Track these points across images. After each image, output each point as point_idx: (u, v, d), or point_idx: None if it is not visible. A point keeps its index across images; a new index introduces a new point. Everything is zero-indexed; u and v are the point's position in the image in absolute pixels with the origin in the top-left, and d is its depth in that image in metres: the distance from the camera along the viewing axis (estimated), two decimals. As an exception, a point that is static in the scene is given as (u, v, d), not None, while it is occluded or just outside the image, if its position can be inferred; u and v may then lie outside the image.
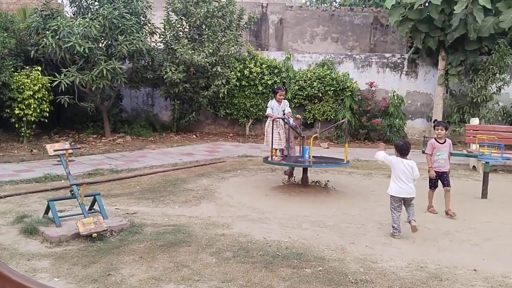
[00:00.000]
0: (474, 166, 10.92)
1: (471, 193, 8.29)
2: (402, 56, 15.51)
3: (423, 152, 8.77)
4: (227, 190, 8.03)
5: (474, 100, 14.03)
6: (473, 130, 11.28)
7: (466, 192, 8.47)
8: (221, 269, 4.53)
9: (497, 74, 13.94)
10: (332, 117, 14.55)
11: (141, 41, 12.51)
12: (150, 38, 13.90)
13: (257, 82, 14.61)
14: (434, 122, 7.63)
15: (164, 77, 13.10)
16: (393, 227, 5.83)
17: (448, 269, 4.69)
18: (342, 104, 14.47)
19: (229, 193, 7.82)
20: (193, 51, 12.87)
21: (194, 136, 14.94)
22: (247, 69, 14.50)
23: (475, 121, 12.05)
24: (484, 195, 8.00)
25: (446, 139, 7.28)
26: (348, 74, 14.83)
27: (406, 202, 5.88)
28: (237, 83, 14.33)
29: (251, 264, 4.66)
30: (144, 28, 13.44)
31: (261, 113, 14.73)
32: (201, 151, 12.14)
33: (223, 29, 13.79)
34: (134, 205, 6.90)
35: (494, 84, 14.08)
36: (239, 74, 14.35)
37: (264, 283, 4.22)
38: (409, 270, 4.64)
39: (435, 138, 7.28)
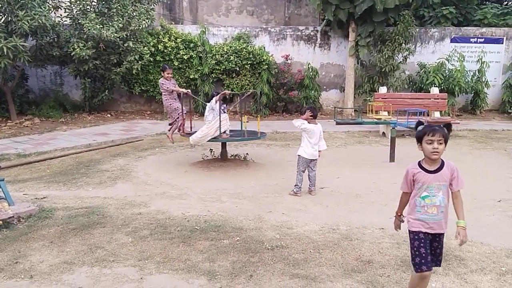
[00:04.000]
0: (383, 133, 11.55)
1: (380, 157, 8.77)
2: (315, 29, 15.86)
3: (337, 123, 9.14)
4: (144, 169, 7.85)
5: (383, 70, 14.74)
6: (382, 98, 11.88)
7: (376, 156, 8.94)
8: (138, 248, 4.45)
9: (403, 44, 14.71)
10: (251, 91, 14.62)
11: (44, 16, 11.69)
12: (55, 13, 13.01)
13: (172, 57, 14.28)
14: (417, 126, 3.54)
15: (72, 54, 12.39)
16: (296, 185, 6.33)
17: (358, 229, 4.96)
18: (259, 77, 14.58)
19: (146, 172, 7.65)
20: (101, 26, 12.25)
21: (109, 115, 14.38)
22: (162, 44, 14.11)
23: (383, 89, 12.68)
24: (392, 158, 8.49)
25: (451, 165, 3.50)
26: (264, 48, 14.93)
27: (312, 164, 6.37)
28: (152, 59, 13.92)
29: (169, 240, 4.61)
30: (47, 2, 12.54)
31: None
32: (117, 131, 11.73)
33: (133, 2, 13.23)
34: (44, 190, 6.55)
35: (400, 54, 14.85)
36: (153, 49, 13.93)
37: (182, 258, 4.21)
38: (322, 233, 4.84)
39: (420, 162, 3.54)
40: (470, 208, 5.73)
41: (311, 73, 14.88)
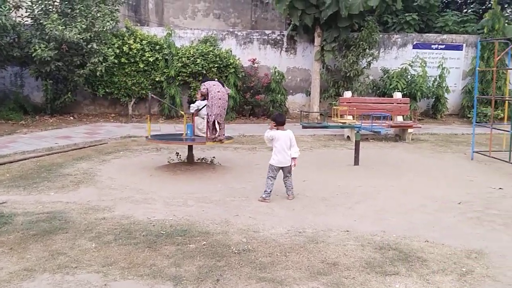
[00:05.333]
0: (348, 136, 11.73)
1: (345, 160, 8.90)
2: (282, 33, 15.98)
3: (303, 126, 9.24)
4: (108, 173, 7.70)
5: (348, 75, 15.00)
6: (346, 102, 12.08)
7: (341, 160, 9.07)
8: (101, 254, 4.35)
9: (367, 50, 15.02)
10: (217, 94, 14.57)
11: (4, 15, 11.35)
12: (15, 13, 12.62)
13: (137, 59, 14.09)
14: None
15: (33, 55, 12.03)
16: (266, 191, 6.24)
17: (323, 232, 5.01)
18: (226, 81, 14.55)
19: (110, 176, 7.50)
20: (64, 27, 11.97)
21: (72, 118, 14.05)
22: (126, 46, 13.91)
23: (348, 94, 12.89)
24: (356, 162, 8.63)
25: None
26: (231, 51, 14.94)
27: (285, 171, 6.28)
28: (116, 61, 13.68)
29: (134, 246, 4.54)
30: (8, 2, 12.15)
31: (143, 92, 14.29)
32: (80, 134, 11.46)
33: (97, 3, 12.97)
34: (3, 194, 6.32)
35: (365, 59, 15.16)
36: (117, 51, 13.70)
37: (147, 263, 4.14)
38: (288, 236, 4.87)
39: None
40: (432, 210, 5.90)
41: (277, 77, 14.99)
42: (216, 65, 14.30)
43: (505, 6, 18.65)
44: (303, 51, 15.95)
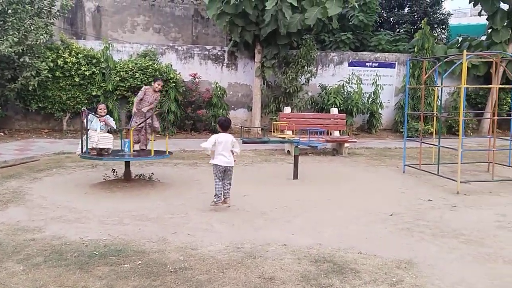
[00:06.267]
0: (288, 151, 11.93)
1: (285, 174, 9.03)
2: (223, 49, 16.09)
3: (243, 141, 9.30)
4: (40, 191, 7.36)
5: (287, 91, 15.32)
6: (286, 118, 12.31)
7: (281, 174, 9.20)
8: (30, 276, 4.14)
9: (305, 67, 15.44)
10: (158, 109, 14.35)
11: None
12: None
13: (73, 73, 13.68)
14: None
15: (-40, 68, 11.38)
16: (216, 195, 6.41)
17: (262, 246, 5.04)
18: (167, 95, 14.42)
19: (42, 194, 7.17)
20: (-6, 39, 11.42)
21: (2, 134, 13.36)
22: (61, 59, 13.46)
23: (287, 109, 13.15)
24: (295, 176, 8.78)
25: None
26: (172, 65, 14.85)
27: (227, 173, 6.47)
28: (50, 75, 13.20)
29: (65, 267, 4.35)
30: None
31: (79, 106, 13.85)
32: (10, 150, 10.90)
33: (31, 16, 12.49)
34: None
35: (303, 76, 15.56)
36: (51, 65, 13.23)
37: (78, 285, 3.98)
38: (226, 252, 4.85)
39: None
40: (365, 222, 6.10)
41: (219, 92, 15.03)
42: (156, 80, 14.11)
43: (435, 26, 19.85)
44: (244, 67, 16.13)
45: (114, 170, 8.36)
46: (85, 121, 7.67)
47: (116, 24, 17.75)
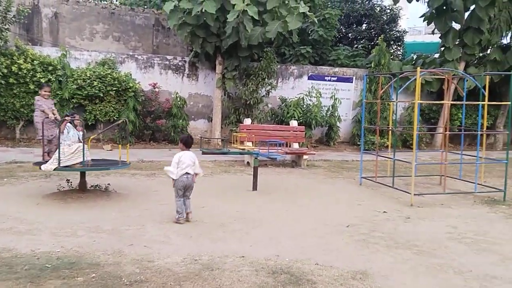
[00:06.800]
0: (248, 162, 11.96)
1: (244, 186, 9.04)
2: (183, 59, 16.03)
3: (203, 152, 9.26)
4: (-12, 202, 7.06)
5: (248, 102, 15.40)
6: (246, 129, 12.35)
7: (240, 185, 9.20)
8: (-25, 292, 3.95)
9: (266, 79, 15.59)
10: (115, 118, 14.12)
11: None
12: None
13: (28, 80, 13.25)
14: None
15: None
16: (178, 212, 6.36)
17: (220, 258, 5.01)
18: (125, 104, 14.19)
19: (-9, 205, 6.88)
20: None
21: (-51, 141, 12.75)
22: (16, 66, 13.02)
23: (247, 121, 13.21)
24: (254, 187, 8.81)
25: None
26: (131, 74, 14.64)
27: (188, 190, 6.43)
28: (3, 81, 12.76)
29: (14, 281, 4.18)
30: None
31: (33, 114, 13.38)
32: (-43, 159, 10.42)
33: (-16, 20, 12.07)
34: None
35: (264, 88, 15.70)
36: (5, 71, 12.78)
37: (27, 300, 3.83)
38: (184, 264, 4.80)
39: None
40: (323, 234, 6.18)
41: (179, 102, 14.94)
42: (115, 88, 13.88)
43: (391, 43, 20.51)
44: (205, 77, 16.11)
45: (69, 180, 8.12)
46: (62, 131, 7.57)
47: (74, 31, 17.37)
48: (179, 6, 13.48)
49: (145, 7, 19.48)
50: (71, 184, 8.02)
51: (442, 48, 17.20)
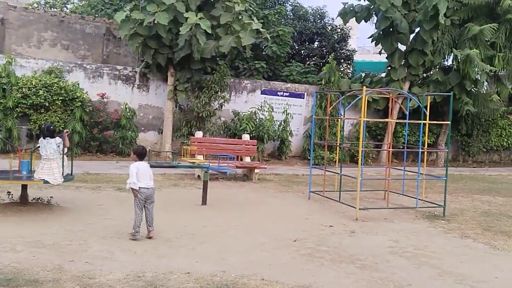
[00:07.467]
0: (198, 176, 11.88)
1: (193, 200, 8.97)
2: (134, 70, 15.82)
3: (151, 165, 9.09)
4: None
5: (200, 115, 15.36)
6: (198, 142, 12.31)
7: (189, 199, 9.13)
8: None
9: (219, 92, 15.62)
10: (61, 128, 13.65)
11: None
12: None
13: (-32, 87, 12.65)
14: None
15: None
16: (134, 226, 6.23)
17: (164, 275, 4.93)
18: (72, 114, 13.80)
19: None
20: None
21: None
22: (-45, 71, 12.41)
23: (199, 134, 13.16)
24: (204, 201, 8.76)
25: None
26: (79, 84, 14.29)
27: (149, 200, 6.34)
28: None
29: None
30: None
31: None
32: None
33: None
34: None
35: (217, 101, 15.71)
36: None
37: (-44, 321, 3.62)
38: (126, 281, 4.69)
39: None
40: (270, 248, 6.23)
41: (128, 113, 14.69)
42: (61, 98, 13.48)
43: (341, 61, 21.12)
44: (156, 89, 15.94)
45: (10, 192, 7.79)
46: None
47: (21, 38, 16.78)
48: (131, 16, 13.33)
49: (96, 16, 19.11)
50: (12, 197, 7.69)
51: (389, 68, 17.90)
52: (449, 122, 9.59)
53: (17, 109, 13.28)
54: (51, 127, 7.56)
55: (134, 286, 4.56)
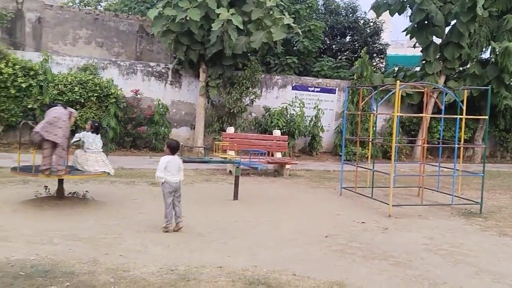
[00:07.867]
0: (230, 171, 11.94)
1: (225, 195, 9.02)
2: (167, 66, 16.00)
3: (184, 161, 9.20)
4: (-37, 208, 6.92)
5: (231, 111, 15.42)
6: (229, 138, 12.37)
7: (221, 194, 9.18)
8: None
9: (250, 88, 15.63)
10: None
11: None
12: None
13: (9, 85, 13.09)
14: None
15: None
16: (165, 217, 6.39)
17: (196, 269, 4.98)
18: (106, 111, 14.08)
19: (-35, 211, 6.75)
20: None
21: None
22: (-4, 70, 12.86)
23: (230, 129, 13.22)
24: (235, 196, 8.80)
25: None
26: (113, 81, 14.56)
27: (177, 192, 6.46)
28: (-16, 85, 12.57)
29: (-15, 290, 4.10)
30: None
31: (13, 119, 13.24)
32: None
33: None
34: None
35: (248, 97, 15.73)
36: (-14, 75, 12.60)
37: (-2, 310, 3.76)
38: (159, 274, 4.76)
39: None
40: (301, 244, 6.20)
41: (161, 109, 14.87)
42: (96, 94, 13.78)
43: (374, 55, 20.78)
44: (188, 85, 16.09)
45: (47, 187, 8.01)
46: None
47: (57, 36, 17.22)
48: (164, 13, 13.49)
49: (130, 13, 19.41)
50: (49, 191, 7.91)
51: (423, 62, 17.48)
52: (486, 117, 9.30)
53: (54, 105, 13.62)
54: (97, 123, 8.23)
55: (167, 279, 4.62)
